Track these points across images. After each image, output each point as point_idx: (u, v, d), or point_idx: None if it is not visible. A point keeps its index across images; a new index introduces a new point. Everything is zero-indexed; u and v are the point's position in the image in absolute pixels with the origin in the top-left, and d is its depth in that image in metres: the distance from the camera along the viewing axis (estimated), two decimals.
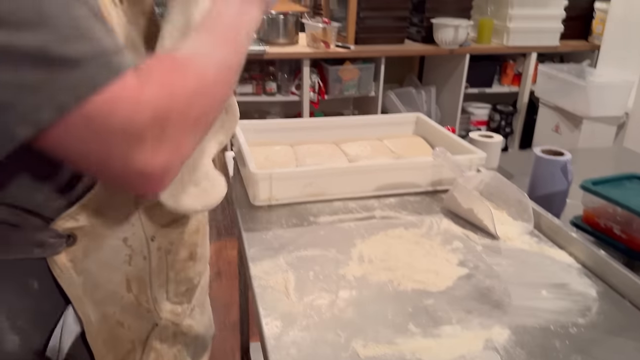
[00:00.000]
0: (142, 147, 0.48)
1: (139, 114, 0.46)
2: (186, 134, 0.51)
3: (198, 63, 0.53)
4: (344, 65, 2.91)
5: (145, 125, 0.47)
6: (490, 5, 3.11)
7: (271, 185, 1.05)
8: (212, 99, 0.55)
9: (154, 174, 0.50)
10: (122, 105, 0.46)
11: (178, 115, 0.49)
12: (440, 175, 1.14)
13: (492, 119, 3.25)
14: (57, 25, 0.43)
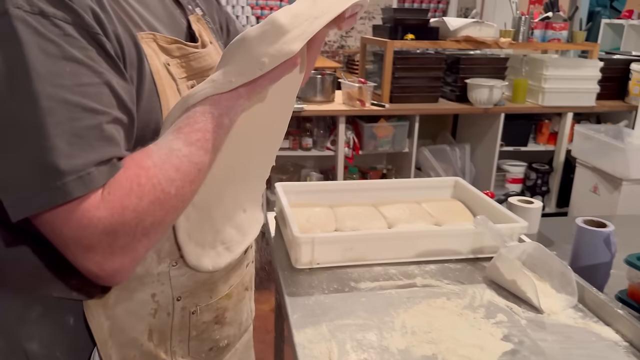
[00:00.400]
0: (93, 255, 0.55)
1: (90, 229, 0.54)
2: (138, 243, 0.57)
3: (163, 178, 0.58)
4: (379, 122, 2.96)
5: (96, 239, 0.54)
6: (525, 66, 3.15)
7: (313, 249, 1.07)
8: (169, 209, 0.59)
9: (105, 276, 0.58)
10: (76, 219, 0.53)
11: (129, 230, 0.55)
12: (482, 243, 1.14)
13: (528, 177, 3.22)
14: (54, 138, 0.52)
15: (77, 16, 0.55)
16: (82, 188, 0.53)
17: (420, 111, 2.93)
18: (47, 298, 0.67)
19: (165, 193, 0.58)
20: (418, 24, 2.95)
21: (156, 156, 0.58)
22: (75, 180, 0.52)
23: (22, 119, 0.52)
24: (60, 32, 0.54)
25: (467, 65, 3.02)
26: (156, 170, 0.57)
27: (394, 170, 3.26)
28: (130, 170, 0.56)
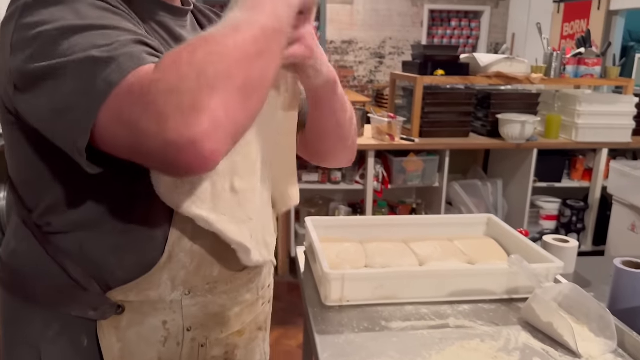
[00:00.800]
0: (166, 122, 0.49)
1: (151, 93, 0.50)
2: (208, 98, 0.50)
3: (215, 39, 0.54)
4: (408, 156, 2.96)
5: (162, 102, 0.50)
6: (558, 102, 3.12)
7: (343, 285, 1.06)
8: (232, 61, 0.52)
9: (189, 144, 0.50)
10: (137, 89, 0.51)
11: (191, 83, 0.50)
12: (517, 283, 1.12)
13: (563, 214, 3.15)
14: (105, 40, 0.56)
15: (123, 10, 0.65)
16: (135, 62, 0.54)
17: (450, 146, 2.92)
18: (66, 316, 0.71)
19: (222, 45, 0.53)
20: (448, 60, 2.97)
21: (208, 30, 0.56)
22: (128, 57, 0.54)
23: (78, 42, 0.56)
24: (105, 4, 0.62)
25: (498, 101, 3.00)
26: (209, 33, 0.55)
27: (424, 205, 3.23)
28: (180, 45, 0.54)
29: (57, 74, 0.55)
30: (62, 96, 0.55)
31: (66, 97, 0.55)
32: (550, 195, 3.23)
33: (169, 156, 0.51)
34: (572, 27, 6.12)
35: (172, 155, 0.51)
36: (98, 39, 0.56)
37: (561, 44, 6.25)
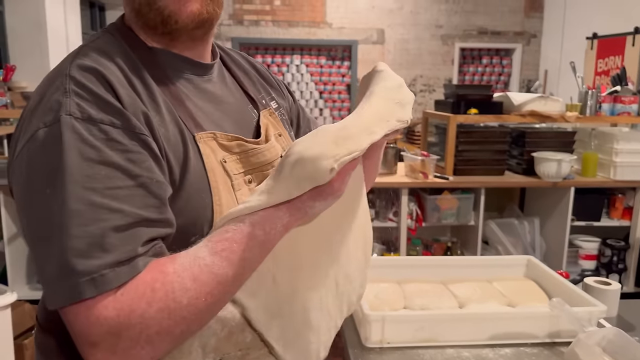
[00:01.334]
0: (95, 352, 0.56)
1: (95, 327, 0.56)
2: (141, 349, 0.57)
3: (178, 286, 0.58)
4: (443, 194, 2.96)
5: (100, 337, 0.56)
6: (594, 140, 3.09)
7: (384, 327, 1.08)
8: (178, 319, 0.58)
9: None
10: (84, 317, 0.56)
11: (133, 334, 0.56)
12: (559, 326, 1.11)
13: (603, 254, 3.07)
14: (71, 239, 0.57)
15: (125, 120, 0.62)
16: (93, 289, 0.56)
17: (485, 184, 2.91)
18: None
19: (177, 302, 0.58)
20: (481, 99, 2.99)
21: (179, 262, 0.60)
22: (88, 281, 0.55)
23: (53, 218, 0.57)
24: (104, 136, 0.60)
25: (533, 139, 3.00)
26: (174, 276, 0.58)
27: (459, 244, 3.21)
28: (149, 274, 0.58)
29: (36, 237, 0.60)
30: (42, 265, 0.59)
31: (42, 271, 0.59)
32: (589, 235, 3.16)
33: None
34: (606, 63, 6.08)
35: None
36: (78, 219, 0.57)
37: (595, 81, 6.20)
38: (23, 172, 0.61)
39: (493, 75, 7.76)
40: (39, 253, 0.59)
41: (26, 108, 0.66)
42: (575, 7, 6.74)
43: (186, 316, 0.59)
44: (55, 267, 0.56)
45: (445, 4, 7.40)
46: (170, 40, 0.74)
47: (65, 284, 0.56)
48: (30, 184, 0.60)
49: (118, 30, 0.74)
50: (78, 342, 0.58)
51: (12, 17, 4.16)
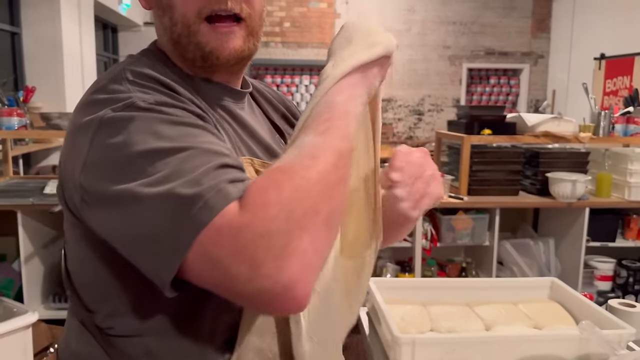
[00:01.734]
0: (258, 268, 0.49)
1: (242, 237, 0.50)
2: (299, 240, 0.50)
3: (299, 166, 0.54)
4: (457, 214, 2.97)
5: (252, 246, 0.49)
6: (608, 160, 3.10)
7: (414, 350, 1.08)
8: (318, 195, 0.53)
9: (283, 290, 0.50)
10: (226, 233, 0.51)
11: (281, 225, 0.50)
12: (588, 349, 1.11)
13: (618, 275, 3.06)
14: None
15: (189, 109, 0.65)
16: (223, 200, 0.52)
17: (500, 204, 2.92)
18: None
19: (306, 179, 0.53)
20: (494, 120, 3.02)
21: (287, 157, 0.57)
22: (214, 194, 0.52)
23: (160, 174, 0.55)
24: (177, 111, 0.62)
25: (547, 159, 3.01)
26: (290, 164, 0.55)
27: (474, 264, 3.20)
28: (264, 176, 0.55)
29: (142, 203, 0.54)
30: (147, 227, 0.54)
31: (151, 229, 0.54)
32: (604, 255, 3.15)
33: (262, 300, 0.51)
34: (614, 83, 6.12)
35: (266, 299, 0.51)
36: (181, 166, 0.55)
37: (604, 101, 6.24)
38: (109, 153, 0.58)
39: (501, 95, 7.82)
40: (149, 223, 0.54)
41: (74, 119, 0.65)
42: (582, 27, 6.81)
43: (323, 190, 0.53)
44: (176, 208, 0.53)
45: (453, 26, 7.50)
46: (208, 70, 0.76)
47: (192, 210, 0.52)
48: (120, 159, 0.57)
49: (155, 56, 0.75)
50: (235, 274, 0.51)
51: (29, 39, 4.25)
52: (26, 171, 4.02)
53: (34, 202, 2.52)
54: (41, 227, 2.80)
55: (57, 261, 2.94)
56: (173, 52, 0.75)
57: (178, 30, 0.71)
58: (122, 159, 0.57)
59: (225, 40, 0.71)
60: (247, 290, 0.51)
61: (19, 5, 4.19)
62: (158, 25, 0.75)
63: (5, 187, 2.85)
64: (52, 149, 4.22)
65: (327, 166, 0.55)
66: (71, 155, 0.63)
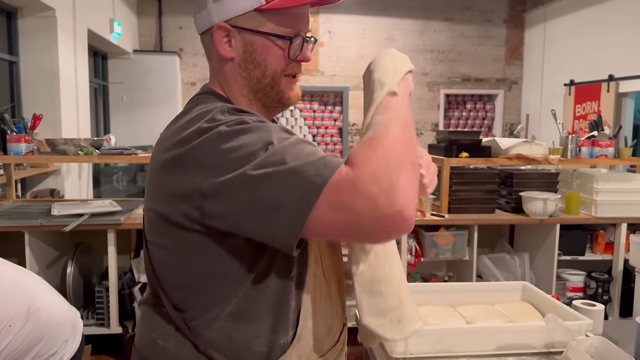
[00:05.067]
0: (376, 202, 0.66)
1: (360, 182, 0.68)
2: (398, 176, 0.68)
3: (381, 136, 0.73)
4: (439, 231, 3.18)
5: (368, 187, 0.67)
6: (576, 180, 3.36)
7: (407, 340, 1.27)
8: (401, 148, 0.72)
9: (398, 215, 0.67)
10: (346, 181, 0.69)
11: (383, 169, 0.68)
12: (553, 338, 1.31)
13: (588, 286, 3.29)
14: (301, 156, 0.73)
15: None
16: (335, 163, 0.71)
17: (478, 221, 3.14)
18: None
19: (388, 141, 0.71)
20: (471, 143, 3.26)
21: (368, 133, 0.75)
22: (328, 160, 0.71)
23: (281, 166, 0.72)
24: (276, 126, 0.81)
25: (520, 180, 3.26)
26: (372, 136, 0.73)
27: (455, 278, 3.41)
28: (357, 147, 0.73)
29: (270, 179, 0.71)
30: (277, 196, 0.71)
31: (281, 197, 0.70)
32: (574, 268, 3.39)
33: (382, 226, 0.68)
34: (583, 108, 6.47)
35: (385, 225, 0.68)
36: (295, 150, 0.73)
37: (574, 124, 6.57)
38: (236, 153, 0.74)
39: (477, 119, 8.14)
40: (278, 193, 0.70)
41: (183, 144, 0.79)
42: (553, 55, 7.19)
43: (401, 147, 0.71)
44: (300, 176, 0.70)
45: (431, 54, 7.84)
46: (267, 110, 0.96)
47: (319, 169, 0.70)
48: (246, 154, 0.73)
49: (219, 99, 0.93)
50: (361, 213, 0.67)
51: (26, 67, 4.39)
52: (23, 194, 4.13)
53: (42, 223, 2.66)
54: (46, 248, 2.94)
55: (60, 280, 3.06)
56: (245, 96, 0.94)
57: (266, 82, 0.92)
58: (247, 154, 0.73)
59: (292, 89, 0.95)
60: (370, 222, 0.68)
61: (17, 34, 4.35)
62: (241, 75, 0.92)
63: (11, 209, 2.98)
64: (49, 173, 4.34)
65: (398, 131, 0.74)
66: (185, 174, 0.78)
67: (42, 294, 1.53)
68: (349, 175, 0.69)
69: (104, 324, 2.92)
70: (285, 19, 0.89)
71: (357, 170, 0.69)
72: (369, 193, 0.67)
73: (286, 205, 0.71)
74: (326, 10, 7.50)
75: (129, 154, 3.14)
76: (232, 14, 0.88)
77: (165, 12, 7.40)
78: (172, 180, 0.80)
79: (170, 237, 0.85)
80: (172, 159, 0.80)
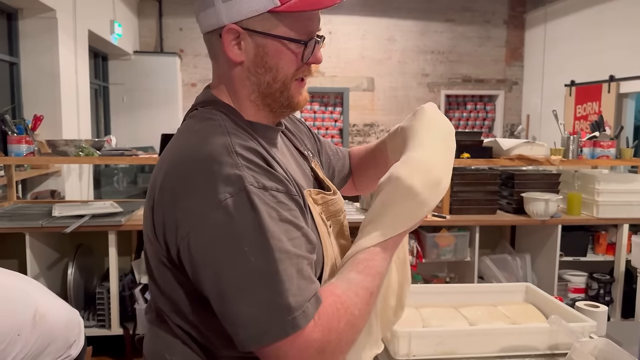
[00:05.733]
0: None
1: (309, 350, 0.71)
2: (340, 354, 0.74)
3: (350, 302, 0.76)
4: (441, 232, 3.17)
5: (312, 358, 0.71)
6: (577, 181, 3.35)
7: (410, 342, 1.26)
8: (356, 328, 0.77)
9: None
10: (299, 344, 0.71)
11: (333, 347, 0.73)
12: (557, 340, 1.31)
13: (590, 287, 3.29)
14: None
15: (284, 185, 0.79)
16: (305, 319, 0.71)
17: (479, 222, 3.14)
18: None
19: (354, 316, 0.75)
20: (472, 144, 3.25)
21: (339, 287, 0.77)
22: (301, 314, 0.70)
23: (261, 269, 0.70)
24: (275, 200, 0.76)
25: (522, 180, 3.25)
26: (344, 297, 0.76)
27: (457, 279, 3.40)
28: (328, 299, 0.74)
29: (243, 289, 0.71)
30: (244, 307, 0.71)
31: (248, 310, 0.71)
32: (576, 269, 3.38)
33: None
34: (584, 109, 6.47)
35: None
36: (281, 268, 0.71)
37: (575, 125, 6.57)
38: (214, 235, 0.72)
39: (477, 120, 8.13)
40: (242, 301, 0.71)
41: (177, 182, 0.77)
42: (553, 56, 7.19)
43: (359, 324, 0.77)
44: (268, 309, 0.70)
45: (431, 54, 7.84)
46: (274, 115, 0.92)
47: (282, 320, 0.70)
48: (225, 243, 0.72)
49: (224, 108, 0.89)
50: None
51: (27, 69, 4.39)
52: (24, 195, 4.12)
53: (43, 224, 2.66)
54: (46, 249, 2.93)
55: (60, 282, 3.06)
56: (254, 101, 0.89)
57: (276, 87, 0.87)
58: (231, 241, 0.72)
59: (300, 93, 0.91)
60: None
61: (18, 36, 4.35)
62: (249, 80, 0.87)
63: (11, 211, 2.97)
64: (50, 174, 4.33)
65: (364, 304, 0.78)
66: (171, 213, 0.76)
67: (45, 300, 1.54)
68: (309, 337, 0.71)
69: (104, 325, 2.92)
70: (299, 21, 0.85)
71: (317, 334, 0.72)
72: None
73: (251, 322, 0.72)
74: (327, 11, 7.45)
75: (130, 155, 3.14)
76: (243, 15, 0.82)
77: (166, 13, 7.40)
78: (161, 210, 0.79)
79: (158, 263, 0.84)
80: (170, 192, 0.78)
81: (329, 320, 0.73)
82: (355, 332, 0.77)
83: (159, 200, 0.80)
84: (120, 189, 5.55)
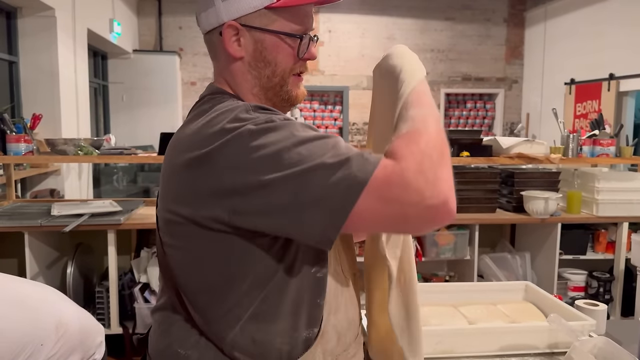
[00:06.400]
0: (422, 195, 0.68)
1: (406, 174, 0.69)
2: (439, 169, 0.70)
3: (421, 130, 0.74)
4: (440, 230, 3.17)
5: (414, 180, 0.69)
6: (577, 179, 3.35)
7: None
8: (438, 141, 0.74)
9: (442, 205, 0.69)
10: (393, 174, 0.70)
11: (427, 163, 0.70)
12: (556, 338, 1.30)
13: (590, 286, 3.28)
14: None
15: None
16: (377, 156, 0.72)
17: (479, 220, 3.13)
18: None
19: (428, 134, 0.74)
20: (472, 143, 3.25)
21: (405, 126, 0.76)
22: (368, 154, 0.72)
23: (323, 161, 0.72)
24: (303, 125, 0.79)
25: (521, 179, 3.25)
26: (413, 128, 0.75)
27: (456, 278, 3.40)
28: (397, 139, 0.74)
29: (310, 173, 0.71)
30: (319, 191, 0.71)
31: (323, 191, 0.71)
32: (576, 267, 3.37)
33: (428, 217, 0.70)
34: (584, 107, 6.46)
35: (431, 215, 0.70)
36: (332, 143, 0.74)
37: (574, 123, 6.57)
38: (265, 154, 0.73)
39: (477, 119, 8.13)
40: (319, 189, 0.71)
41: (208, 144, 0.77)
42: (553, 54, 7.18)
43: (439, 140, 0.74)
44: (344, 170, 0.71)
45: (431, 53, 7.83)
46: (277, 109, 0.92)
47: (357, 170, 0.70)
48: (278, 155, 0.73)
49: (234, 97, 0.91)
50: (407, 205, 0.69)
51: (26, 67, 4.38)
52: (23, 194, 4.12)
53: (42, 223, 2.65)
54: (46, 248, 2.93)
55: (60, 281, 3.05)
56: (256, 94, 0.93)
57: (276, 80, 0.92)
58: (280, 150, 0.73)
59: (298, 87, 0.95)
60: (416, 213, 0.70)
61: (17, 34, 4.34)
62: (251, 74, 0.91)
63: (10, 210, 2.97)
64: (49, 173, 4.33)
65: (436, 126, 0.76)
66: (213, 174, 0.76)
67: (65, 307, 1.54)
68: (395, 168, 0.70)
69: (104, 324, 2.91)
70: (295, 16, 0.89)
71: (403, 163, 0.70)
72: (416, 185, 0.68)
73: (328, 201, 0.71)
74: (326, 10, 7.49)
75: (129, 154, 3.13)
76: (241, 12, 0.87)
77: (165, 12, 7.39)
78: (198, 181, 0.78)
79: (193, 238, 0.83)
80: (196, 158, 0.78)
81: (405, 147, 0.72)
82: (441, 146, 0.74)
83: (191, 168, 0.79)
84: (119, 188, 5.55)
